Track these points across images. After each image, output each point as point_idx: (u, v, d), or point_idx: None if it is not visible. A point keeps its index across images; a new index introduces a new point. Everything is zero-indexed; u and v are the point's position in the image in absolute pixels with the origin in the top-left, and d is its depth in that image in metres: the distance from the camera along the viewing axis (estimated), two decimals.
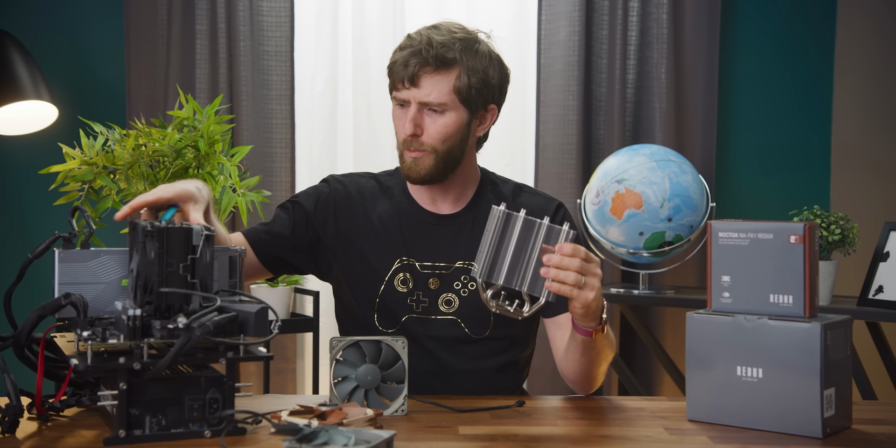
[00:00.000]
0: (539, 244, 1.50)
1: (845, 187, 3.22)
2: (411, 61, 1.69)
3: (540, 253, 1.50)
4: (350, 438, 1.23)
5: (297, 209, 1.82)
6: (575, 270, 1.48)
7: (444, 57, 1.69)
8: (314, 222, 1.81)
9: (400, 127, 1.74)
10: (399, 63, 1.71)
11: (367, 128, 3.11)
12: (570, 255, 1.48)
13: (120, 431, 1.29)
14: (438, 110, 1.71)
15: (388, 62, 1.76)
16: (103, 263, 1.43)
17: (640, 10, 3.07)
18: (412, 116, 1.71)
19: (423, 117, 1.72)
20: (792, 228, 1.46)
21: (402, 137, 1.74)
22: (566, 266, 1.48)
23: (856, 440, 1.43)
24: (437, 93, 1.70)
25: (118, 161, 1.80)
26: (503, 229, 1.51)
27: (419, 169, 1.73)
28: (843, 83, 3.24)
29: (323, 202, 1.82)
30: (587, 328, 1.59)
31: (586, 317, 1.56)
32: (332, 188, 1.83)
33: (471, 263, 1.77)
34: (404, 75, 1.70)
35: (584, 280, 1.49)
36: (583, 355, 1.64)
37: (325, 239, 1.81)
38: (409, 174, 1.75)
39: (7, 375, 1.34)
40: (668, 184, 2.68)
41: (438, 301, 1.77)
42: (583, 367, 1.67)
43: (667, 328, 3.12)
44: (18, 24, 3.01)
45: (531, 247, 1.50)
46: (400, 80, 1.71)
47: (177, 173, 1.81)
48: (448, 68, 1.70)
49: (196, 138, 1.83)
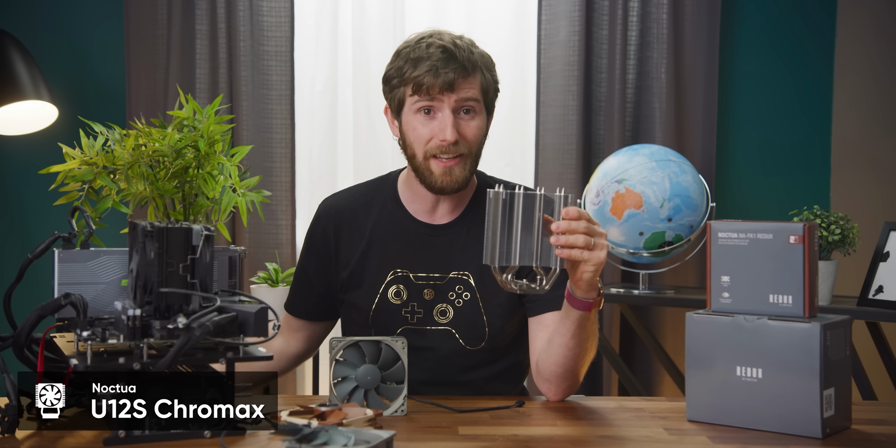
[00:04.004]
0: (542, 217, 1.47)
1: (845, 187, 3.22)
2: (449, 67, 1.68)
3: (544, 224, 1.48)
4: (350, 438, 1.24)
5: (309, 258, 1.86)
6: (583, 232, 1.47)
7: (473, 61, 1.71)
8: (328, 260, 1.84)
9: (427, 133, 1.71)
10: (430, 71, 1.68)
11: (367, 128, 3.11)
12: (576, 217, 1.47)
13: (120, 431, 1.29)
14: (469, 112, 1.72)
15: (399, 69, 1.72)
16: (103, 263, 1.43)
17: (640, 10, 3.07)
18: (452, 122, 1.70)
19: (458, 122, 1.72)
20: (791, 228, 1.46)
21: (435, 144, 1.71)
22: (574, 229, 1.47)
23: (856, 440, 1.43)
24: (472, 91, 1.71)
25: (118, 161, 1.80)
26: (508, 211, 1.48)
27: (456, 178, 1.72)
28: (843, 83, 3.23)
29: (321, 236, 1.84)
30: (587, 299, 1.55)
31: (592, 283, 1.53)
32: (321, 220, 1.85)
33: (465, 273, 1.77)
34: (441, 81, 1.68)
35: (594, 241, 1.48)
36: (573, 338, 1.60)
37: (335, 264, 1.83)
38: (443, 186, 1.73)
39: (7, 375, 1.34)
40: (668, 184, 2.68)
41: (433, 312, 1.77)
42: (569, 355, 1.62)
43: (667, 328, 3.12)
44: (18, 24, 3.01)
45: (535, 221, 1.48)
46: (434, 88, 1.69)
47: (177, 173, 1.81)
48: (475, 73, 1.72)
49: (196, 138, 1.83)
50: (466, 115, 1.72)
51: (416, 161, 1.74)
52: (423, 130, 1.72)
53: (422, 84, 1.69)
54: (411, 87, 1.71)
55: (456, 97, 1.70)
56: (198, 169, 1.83)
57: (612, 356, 2.95)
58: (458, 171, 1.72)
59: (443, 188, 1.73)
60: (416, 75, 1.69)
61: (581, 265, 1.50)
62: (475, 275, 1.76)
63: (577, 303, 1.56)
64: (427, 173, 1.73)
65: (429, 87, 1.69)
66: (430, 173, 1.73)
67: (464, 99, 1.70)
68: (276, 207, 3.01)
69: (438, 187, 1.73)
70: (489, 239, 1.48)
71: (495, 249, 1.47)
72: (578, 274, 1.51)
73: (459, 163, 1.72)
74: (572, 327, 1.59)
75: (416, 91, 1.70)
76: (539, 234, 1.48)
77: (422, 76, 1.68)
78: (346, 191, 1.90)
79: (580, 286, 1.54)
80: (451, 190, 1.74)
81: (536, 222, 1.47)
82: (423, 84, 1.69)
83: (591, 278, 1.52)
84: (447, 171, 1.72)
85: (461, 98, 1.70)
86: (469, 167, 1.74)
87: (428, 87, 1.69)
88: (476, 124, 1.73)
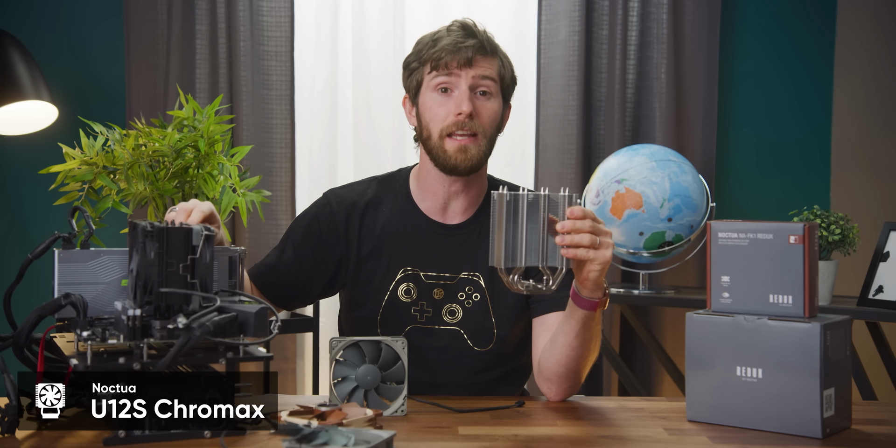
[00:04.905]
0: (546, 217, 1.48)
1: (845, 187, 3.22)
2: (467, 43, 1.70)
3: (549, 225, 1.48)
4: (350, 439, 1.24)
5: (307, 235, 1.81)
6: (588, 231, 1.47)
7: (493, 43, 1.74)
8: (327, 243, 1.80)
9: (444, 112, 1.71)
10: (449, 46, 1.70)
11: (367, 128, 3.11)
12: (581, 217, 1.47)
13: (120, 431, 1.29)
14: (486, 94, 1.73)
15: (419, 51, 1.74)
16: (103, 263, 1.43)
17: (640, 10, 3.07)
18: (469, 96, 1.71)
19: (475, 100, 1.72)
20: (791, 229, 1.46)
21: (450, 121, 1.71)
22: (580, 228, 1.47)
23: (855, 440, 1.43)
24: (490, 71, 1.73)
25: (118, 161, 1.80)
26: (513, 212, 1.48)
27: (470, 156, 1.71)
28: (843, 83, 3.23)
29: (328, 221, 1.80)
30: (593, 298, 1.55)
31: (598, 282, 1.53)
32: (331, 206, 1.81)
33: (476, 274, 1.77)
34: (460, 57, 1.70)
35: (599, 240, 1.49)
36: (577, 337, 1.60)
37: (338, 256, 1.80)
38: (457, 163, 1.71)
39: (7, 375, 1.34)
40: (668, 184, 2.68)
41: (442, 311, 1.77)
42: (571, 354, 1.62)
43: (667, 328, 3.12)
44: (18, 24, 3.01)
45: (541, 221, 1.48)
46: (452, 63, 1.70)
47: (177, 173, 1.81)
48: (494, 55, 1.75)
49: (196, 138, 1.83)
50: (483, 97, 1.73)
51: (431, 142, 1.73)
52: (440, 110, 1.72)
53: (440, 59, 1.71)
54: (430, 65, 1.72)
55: (473, 74, 1.71)
56: (198, 169, 1.83)
57: (612, 356, 2.95)
58: (474, 150, 1.72)
59: (456, 166, 1.72)
60: (435, 51, 1.71)
61: (587, 264, 1.50)
62: (486, 276, 1.76)
63: (582, 302, 1.56)
64: (441, 152, 1.72)
65: (448, 62, 1.70)
66: (444, 152, 1.72)
67: (481, 76, 1.71)
68: (276, 207, 3.01)
69: (452, 165, 1.72)
70: (494, 240, 1.48)
71: (501, 251, 1.47)
72: (585, 273, 1.52)
73: (474, 141, 1.72)
74: (576, 327, 1.59)
75: (434, 67, 1.72)
76: (544, 234, 1.48)
77: (441, 51, 1.71)
78: (352, 185, 1.87)
79: (586, 285, 1.54)
80: (464, 168, 1.72)
81: (541, 223, 1.48)
82: (441, 58, 1.71)
83: (598, 277, 1.52)
84: (462, 149, 1.71)
85: (478, 74, 1.71)
86: (483, 148, 1.73)
87: (447, 62, 1.71)
88: (492, 106, 1.73)
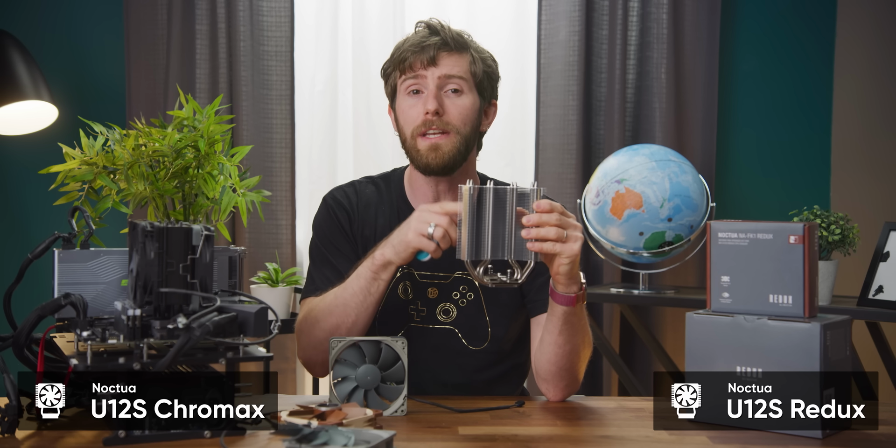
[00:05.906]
0: (514, 210, 1.49)
1: (845, 187, 3.22)
2: (430, 41, 1.70)
3: (517, 217, 1.49)
4: (350, 438, 1.24)
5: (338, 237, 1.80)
6: (555, 225, 1.48)
7: (460, 39, 1.73)
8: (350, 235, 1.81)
9: (415, 113, 1.71)
10: (413, 46, 1.70)
11: (367, 128, 3.11)
12: (548, 210, 1.48)
13: (120, 431, 1.29)
14: (457, 92, 1.71)
15: (392, 56, 1.75)
16: (103, 263, 1.43)
17: (640, 10, 3.07)
18: (434, 94, 1.70)
19: (443, 99, 1.71)
20: (791, 229, 1.46)
21: (420, 121, 1.70)
22: (546, 222, 1.47)
23: (856, 440, 1.43)
24: (458, 68, 1.71)
25: (118, 161, 1.80)
26: (477, 205, 1.49)
27: (441, 154, 1.70)
28: (843, 82, 3.23)
29: (343, 218, 1.81)
30: (569, 293, 1.56)
31: (571, 275, 1.53)
32: (336, 205, 1.82)
33: (469, 274, 1.77)
34: (423, 56, 1.70)
35: (566, 233, 1.49)
36: (560, 334, 1.60)
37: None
38: (429, 162, 1.71)
39: (7, 375, 1.34)
40: (668, 184, 2.67)
41: (436, 310, 1.77)
42: (559, 352, 1.62)
43: (667, 328, 3.12)
44: (18, 24, 3.01)
45: (508, 214, 1.49)
46: (417, 63, 1.70)
47: (177, 173, 1.81)
48: (462, 51, 1.73)
49: (196, 138, 1.83)
50: (453, 94, 1.72)
51: (406, 144, 1.74)
52: (411, 112, 1.72)
53: (405, 59, 1.71)
54: (399, 69, 1.73)
55: (439, 73, 1.70)
56: (198, 169, 1.83)
57: (612, 356, 2.95)
58: (446, 147, 1.71)
59: (428, 164, 1.71)
60: (401, 52, 1.72)
61: (556, 258, 1.50)
62: None
63: (559, 298, 1.57)
64: (415, 152, 1.72)
65: (412, 62, 1.71)
66: (417, 152, 1.72)
67: (447, 75, 1.71)
68: (276, 207, 3.01)
69: (425, 163, 1.72)
70: (461, 234, 1.49)
71: (465, 243, 1.49)
72: (555, 267, 1.52)
73: (446, 139, 1.71)
74: (558, 323, 1.60)
75: (402, 71, 1.72)
76: (512, 227, 1.48)
77: (405, 51, 1.71)
78: (351, 184, 1.87)
79: (559, 280, 1.54)
80: (438, 167, 1.72)
81: (508, 216, 1.48)
82: (406, 59, 1.71)
83: (569, 271, 1.52)
84: (433, 147, 1.70)
85: (444, 74, 1.70)
86: (458, 146, 1.72)
87: (412, 63, 1.71)
88: (462, 103, 1.72)
